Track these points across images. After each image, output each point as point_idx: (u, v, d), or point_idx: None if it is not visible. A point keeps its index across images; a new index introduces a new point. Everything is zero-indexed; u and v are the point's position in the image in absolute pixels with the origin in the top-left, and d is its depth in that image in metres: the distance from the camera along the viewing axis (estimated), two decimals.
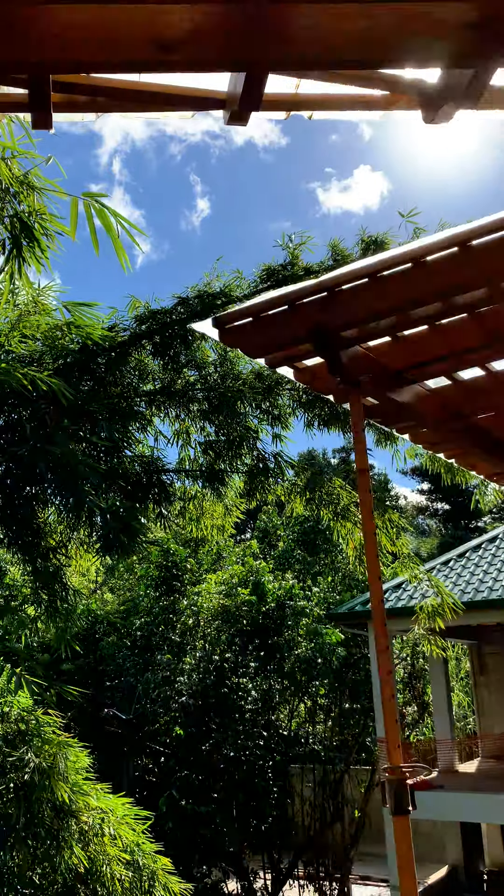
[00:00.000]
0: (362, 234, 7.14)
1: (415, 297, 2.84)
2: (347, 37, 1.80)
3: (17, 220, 3.37)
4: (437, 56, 1.93)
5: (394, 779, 2.57)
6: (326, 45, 1.81)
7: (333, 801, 15.82)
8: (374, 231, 7.28)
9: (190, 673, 14.36)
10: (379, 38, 1.79)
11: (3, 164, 3.31)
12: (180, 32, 1.77)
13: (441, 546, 33.24)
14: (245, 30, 1.79)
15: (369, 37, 1.80)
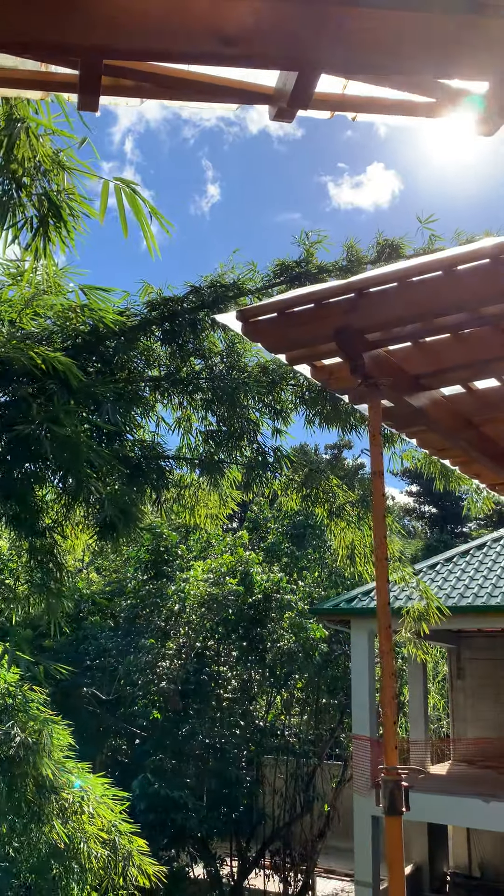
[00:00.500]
0: (378, 237, 7.14)
1: (442, 306, 2.85)
2: (411, 43, 1.80)
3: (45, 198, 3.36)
4: (490, 70, 1.93)
5: (390, 779, 2.60)
6: (387, 50, 1.82)
7: (304, 794, 15.95)
8: (386, 232, 7.27)
9: (172, 658, 14.42)
10: (442, 46, 1.79)
11: (37, 142, 3.30)
12: (242, 27, 1.77)
13: (426, 549, 33.38)
14: (307, 29, 1.80)
15: (429, 45, 1.80)
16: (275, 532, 18.08)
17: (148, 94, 2.48)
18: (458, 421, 3.84)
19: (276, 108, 2.42)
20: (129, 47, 1.76)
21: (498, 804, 12.10)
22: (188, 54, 1.82)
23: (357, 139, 63.99)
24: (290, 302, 3.04)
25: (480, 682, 17.06)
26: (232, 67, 2.09)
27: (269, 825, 15.81)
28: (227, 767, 14.24)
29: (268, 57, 1.89)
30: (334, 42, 1.89)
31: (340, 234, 49.52)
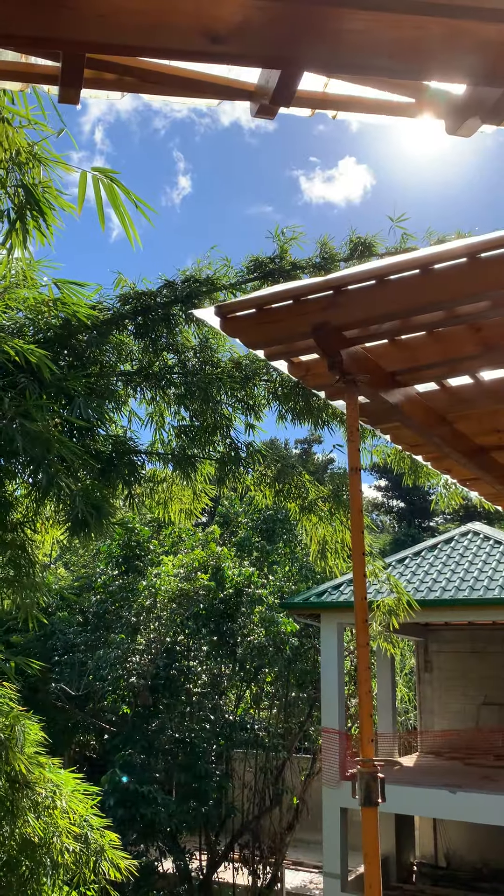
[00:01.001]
0: (351, 235, 7.19)
1: (419, 304, 2.89)
2: (396, 45, 1.82)
3: (23, 190, 3.32)
4: (476, 73, 1.96)
5: (365, 771, 2.64)
6: (374, 51, 1.83)
7: (273, 787, 16.04)
8: (358, 227, 7.33)
9: (142, 653, 14.39)
10: (426, 49, 1.82)
11: (15, 133, 3.26)
12: (231, 25, 1.78)
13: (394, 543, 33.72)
14: (295, 28, 1.81)
15: (416, 47, 1.82)
16: (245, 527, 18.12)
17: (129, 87, 2.47)
18: (432, 417, 3.89)
19: (257, 105, 2.43)
20: (117, 43, 1.76)
21: (464, 794, 12.31)
22: (176, 51, 1.82)
23: (329, 133, 64.16)
24: (269, 298, 3.06)
25: (447, 675, 17.30)
26: (218, 65, 2.09)
27: (239, 819, 15.88)
28: (196, 762, 14.27)
29: (254, 55, 1.90)
30: (318, 42, 1.90)
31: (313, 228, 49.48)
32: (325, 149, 66.54)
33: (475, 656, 16.98)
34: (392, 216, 6.88)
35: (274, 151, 69.60)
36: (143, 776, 13.42)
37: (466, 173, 67.20)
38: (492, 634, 16.69)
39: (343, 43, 1.83)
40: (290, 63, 1.98)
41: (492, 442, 4.40)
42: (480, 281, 2.77)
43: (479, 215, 65.47)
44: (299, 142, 67.38)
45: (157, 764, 14.31)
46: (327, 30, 1.81)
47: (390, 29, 1.81)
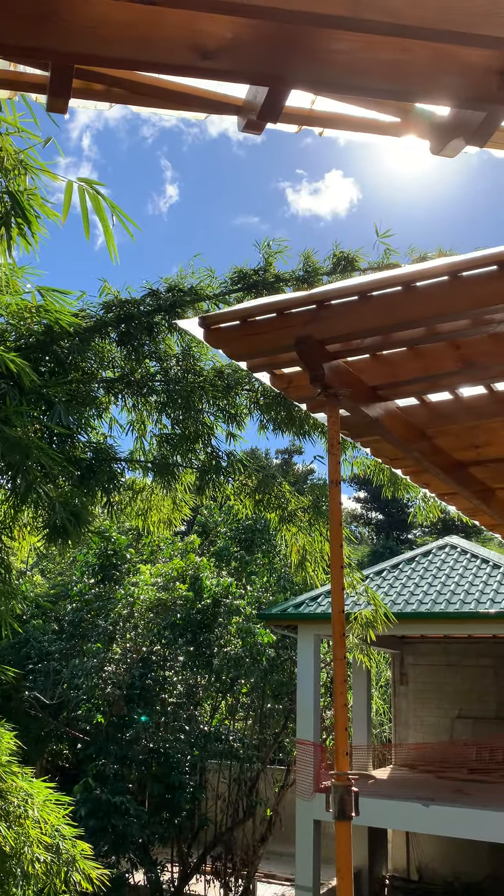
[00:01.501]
0: (335, 250, 7.25)
1: (400, 321, 2.92)
2: (381, 66, 1.85)
3: (8, 196, 3.31)
4: (460, 95, 2.00)
5: (340, 785, 2.64)
6: (360, 72, 1.86)
7: (247, 799, 15.97)
8: (343, 241, 7.41)
9: (118, 662, 14.29)
10: (411, 71, 1.85)
11: (2, 139, 3.26)
12: (221, 41, 1.80)
13: (372, 555, 33.82)
14: (283, 47, 1.83)
15: (402, 69, 1.85)
16: (224, 537, 18.09)
17: (118, 98, 2.49)
18: (412, 432, 3.92)
19: (245, 120, 2.45)
20: (107, 55, 1.77)
21: (437, 808, 12.32)
22: (165, 65, 1.83)
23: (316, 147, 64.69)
24: (253, 310, 3.07)
25: (423, 688, 17.35)
26: (207, 80, 2.11)
27: (212, 830, 15.78)
28: (170, 772, 14.17)
29: (242, 72, 1.92)
30: (305, 61, 1.93)
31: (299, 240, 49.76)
32: (312, 162, 67.08)
33: (450, 669, 17.05)
34: (377, 231, 6.95)
35: (261, 163, 70.04)
36: (115, 786, 13.31)
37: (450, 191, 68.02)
38: (467, 648, 16.78)
39: (330, 63, 1.86)
40: (277, 81, 2.00)
41: (470, 457, 4.44)
42: (461, 299, 2.81)
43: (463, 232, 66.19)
44: (286, 154, 67.88)
45: (131, 774, 14.20)
46: (315, 49, 1.84)
47: (377, 50, 1.84)
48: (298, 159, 67.70)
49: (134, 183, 67.61)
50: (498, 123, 2.22)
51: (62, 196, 4.12)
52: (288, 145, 69.14)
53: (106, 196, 3.22)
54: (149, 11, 1.77)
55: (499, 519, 5.30)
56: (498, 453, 4.35)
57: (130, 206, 66.60)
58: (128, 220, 3.21)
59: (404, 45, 1.82)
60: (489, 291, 2.72)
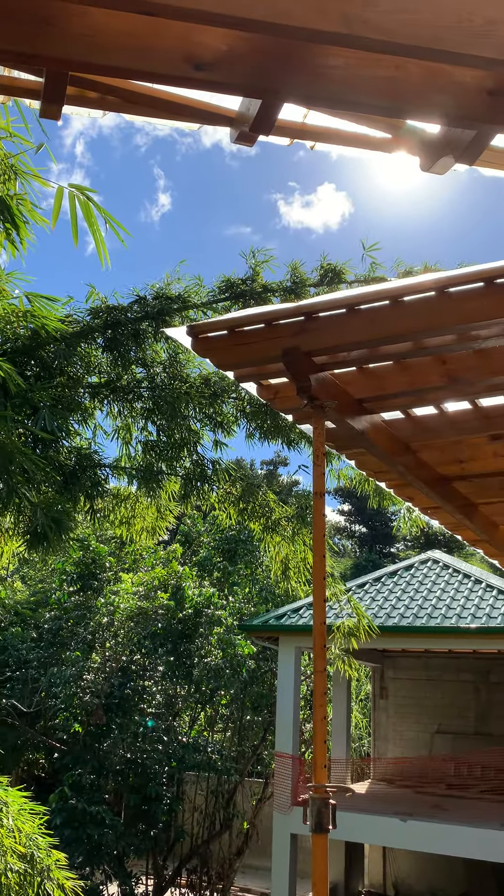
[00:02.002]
0: (322, 261, 7.29)
1: (387, 334, 2.94)
2: (374, 83, 1.87)
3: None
4: (451, 113, 2.02)
5: (318, 797, 2.64)
6: (353, 88, 1.88)
7: (224, 811, 15.87)
8: (334, 254, 7.44)
9: (97, 671, 14.18)
10: (404, 89, 1.87)
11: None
12: (215, 53, 1.81)
13: (355, 568, 33.86)
14: (277, 61, 1.85)
15: (394, 86, 1.88)
16: (207, 546, 18.05)
17: (111, 106, 2.49)
18: (397, 445, 3.94)
19: (237, 132, 2.47)
20: (102, 63, 1.78)
21: (415, 823, 12.29)
22: (160, 75, 1.84)
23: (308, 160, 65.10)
24: (241, 320, 3.09)
25: (403, 702, 17.34)
26: (201, 91, 2.13)
27: (188, 843, 15.66)
28: (147, 783, 14.06)
29: (236, 84, 1.93)
30: (299, 75, 1.95)
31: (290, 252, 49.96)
32: (305, 175, 67.54)
33: (430, 684, 17.06)
34: (364, 245, 7.00)
35: (254, 175, 70.34)
36: (92, 796, 13.18)
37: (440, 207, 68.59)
38: (447, 663, 16.80)
39: (324, 78, 1.88)
40: (271, 94, 2.02)
41: (454, 472, 4.47)
42: (448, 314, 2.83)
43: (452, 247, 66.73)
44: (279, 167, 68.19)
45: (108, 785, 14.07)
46: (309, 64, 1.86)
47: (370, 67, 1.86)
48: (291, 172, 68.13)
49: (126, 191, 67.66)
50: (487, 142, 2.25)
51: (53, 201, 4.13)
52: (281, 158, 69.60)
53: (97, 202, 3.23)
54: (145, 22, 1.78)
55: (481, 534, 5.33)
56: (481, 468, 4.38)
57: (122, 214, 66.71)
58: (119, 226, 3.21)
59: (398, 62, 1.84)
60: (476, 307, 2.75)
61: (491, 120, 2.03)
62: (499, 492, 4.72)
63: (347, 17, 1.72)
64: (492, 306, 2.76)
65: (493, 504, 5.01)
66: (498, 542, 5.59)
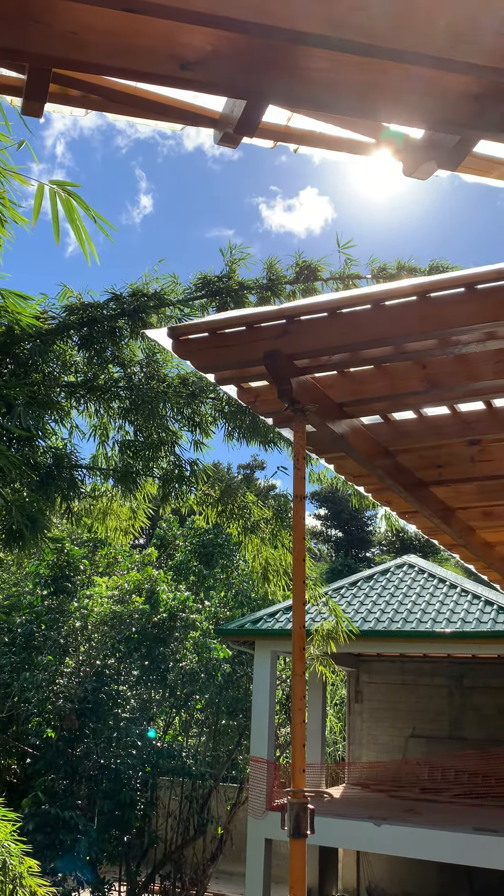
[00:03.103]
0: (298, 259, 7.30)
1: (369, 338, 2.94)
2: (359, 86, 1.87)
3: None
4: (435, 118, 2.03)
5: (296, 802, 2.62)
6: (337, 90, 1.88)
7: (199, 817, 15.78)
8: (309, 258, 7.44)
9: (70, 676, 14.05)
10: (388, 92, 1.87)
11: None
12: (201, 53, 1.80)
13: (331, 572, 33.91)
14: (263, 62, 1.84)
15: (379, 90, 1.88)
16: (183, 550, 17.97)
17: (94, 105, 2.48)
18: (376, 449, 3.95)
19: (221, 133, 2.46)
20: (86, 61, 1.76)
21: (389, 827, 12.32)
22: (144, 73, 1.83)
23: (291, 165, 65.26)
24: (222, 323, 3.08)
25: (377, 706, 17.39)
26: (185, 90, 2.12)
27: (162, 848, 15.55)
28: (121, 789, 13.94)
29: (221, 84, 1.93)
30: (284, 77, 1.94)
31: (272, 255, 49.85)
32: (287, 179, 67.64)
33: (405, 688, 17.13)
34: (348, 249, 7.03)
35: (236, 179, 70.38)
36: (65, 802, 13.05)
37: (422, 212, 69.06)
38: (421, 667, 16.89)
39: (308, 80, 1.88)
40: (256, 94, 2.01)
41: (432, 477, 4.49)
42: (428, 319, 2.85)
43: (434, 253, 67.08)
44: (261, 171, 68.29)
45: (81, 790, 13.94)
46: (294, 66, 1.85)
47: (354, 70, 1.86)
48: (273, 177, 68.18)
49: (108, 192, 67.31)
50: (470, 148, 2.26)
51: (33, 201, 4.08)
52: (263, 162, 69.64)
53: (79, 197, 3.19)
54: (130, 20, 1.77)
55: (458, 538, 5.36)
56: (459, 474, 4.40)
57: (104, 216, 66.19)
58: (103, 220, 3.17)
59: (383, 66, 1.84)
60: (456, 313, 2.76)
61: (475, 126, 2.04)
62: (476, 497, 4.76)
63: (332, 19, 1.72)
64: (472, 312, 2.77)
65: (470, 509, 5.04)
66: (474, 547, 5.63)
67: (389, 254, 10.30)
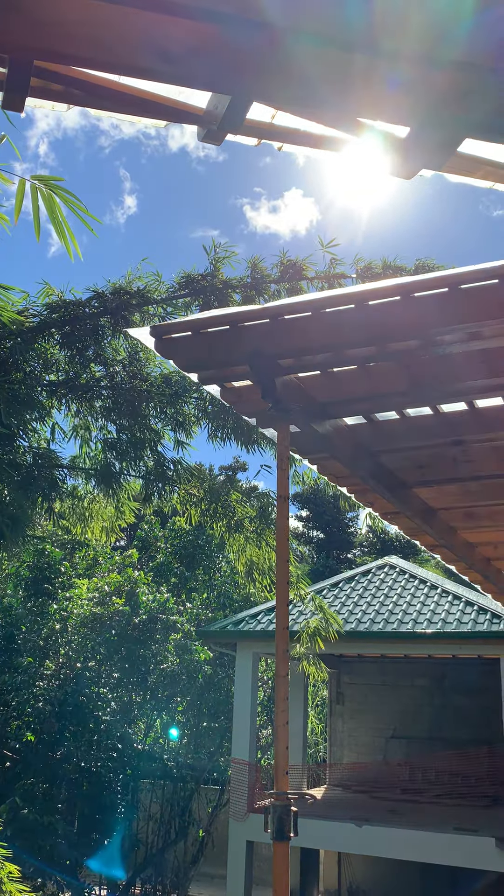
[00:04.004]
0: (282, 258, 7.29)
1: (352, 338, 2.93)
2: (342, 83, 1.86)
3: None
4: (419, 117, 2.02)
5: (279, 804, 2.60)
6: (321, 87, 1.87)
7: (180, 819, 15.72)
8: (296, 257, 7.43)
9: (50, 679, 13.94)
10: (374, 90, 1.86)
11: None
12: (184, 46, 1.78)
13: (312, 573, 33.93)
14: (247, 58, 1.82)
15: (356, 86, 1.87)
16: (164, 552, 17.90)
17: (76, 100, 2.44)
18: (359, 450, 3.94)
19: (205, 130, 2.44)
20: (69, 53, 1.73)
21: (370, 828, 12.34)
22: (127, 66, 1.81)
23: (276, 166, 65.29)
24: (206, 322, 3.05)
25: (358, 708, 17.42)
26: (168, 84, 2.09)
27: (142, 852, 15.47)
28: (101, 792, 13.85)
29: (207, 79, 1.90)
30: (265, 72, 1.93)
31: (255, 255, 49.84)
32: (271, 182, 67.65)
33: (386, 689, 17.18)
34: (332, 248, 7.02)
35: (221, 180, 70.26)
36: (44, 806, 12.94)
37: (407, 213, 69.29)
38: (402, 668, 16.94)
39: (290, 75, 1.86)
40: (238, 90, 2.00)
41: (414, 477, 4.49)
42: (412, 320, 2.84)
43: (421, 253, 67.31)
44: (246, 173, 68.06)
45: (61, 794, 13.83)
46: (276, 61, 1.84)
47: (337, 66, 1.84)
48: (258, 179, 68.11)
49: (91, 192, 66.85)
50: (456, 146, 2.25)
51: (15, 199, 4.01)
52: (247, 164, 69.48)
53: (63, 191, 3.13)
54: (114, 12, 1.74)
55: (440, 539, 5.37)
56: (441, 474, 4.41)
57: None
58: (86, 213, 3.12)
59: (367, 62, 1.83)
60: (440, 312, 2.76)
61: (460, 124, 2.04)
62: (458, 497, 4.77)
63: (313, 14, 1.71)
64: (455, 312, 2.77)
65: (452, 510, 5.05)
66: (456, 548, 5.64)
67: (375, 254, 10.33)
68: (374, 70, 1.94)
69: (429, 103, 1.93)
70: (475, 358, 3.10)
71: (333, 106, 2.04)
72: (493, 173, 2.65)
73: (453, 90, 1.91)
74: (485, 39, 1.78)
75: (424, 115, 1.96)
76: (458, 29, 1.78)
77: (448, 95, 1.91)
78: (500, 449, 4.11)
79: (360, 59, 1.90)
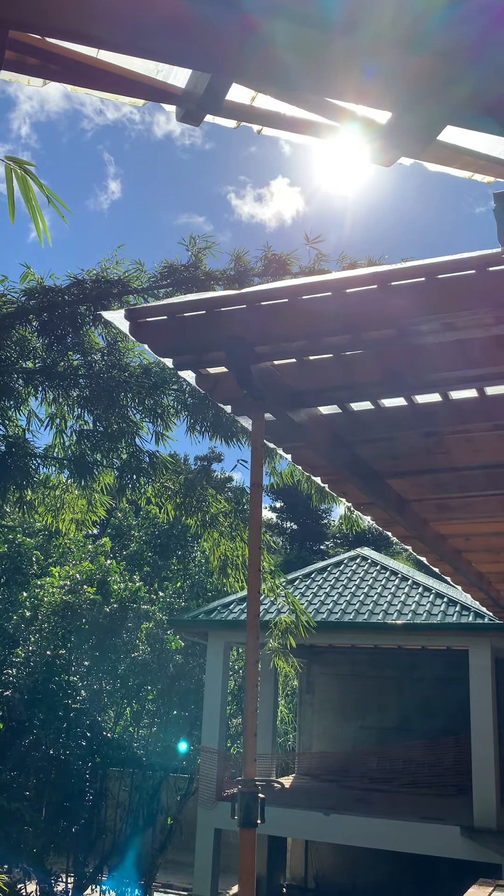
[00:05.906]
0: (266, 251, 7.26)
1: (328, 326, 2.92)
2: (326, 66, 1.84)
3: None
4: (400, 103, 2.01)
5: (247, 791, 2.60)
6: (302, 69, 1.85)
7: (148, 807, 15.73)
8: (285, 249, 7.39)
9: (20, 666, 13.85)
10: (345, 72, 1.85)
11: None
12: (163, 21, 1.75)
13: (285, 564, 34.05)
14: (230, 37, 1.79)
15: (337, 68, 1.85)
16: (138, 540, 17.83)
17: (52, 75, 2.39)
18: (334, 440, 3.94)
19: (183, 110, 2.41)
20: (45, 24, 1.69)
21: (337, 817, 12.45)
22: (104, 39, 1.77)
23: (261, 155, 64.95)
24: (182, 306, 3.02)
25: (328, 697, 17.54)
26: (147, 60, 2.06)
27: (110, 839, 15.46)
28: (70, 780, 13.81)
29: (187, 56, 1.87)
30: (260, 55, 1.90)
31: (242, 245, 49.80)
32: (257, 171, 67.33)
33: (356, 679, 17.31)
34: (318, 244, 7.00)
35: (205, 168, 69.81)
36: (12, 793, 12.87)
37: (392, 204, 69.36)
38: (372, 658, 17.07)
39: (270, 55, 1.84)
40: (218, 69, 1.97)
41: (388, 468, 4.50)
42: (388, 309, 2.83)
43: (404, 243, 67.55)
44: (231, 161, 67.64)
45: (29, 781, 13.77)
46: (255, 40, 1.81)
47: (317, 48, 1.82)
48: (243, 167, 67.70)
49: (75, 176, 65.99)
50: (436, 133, 2.24)
51: None
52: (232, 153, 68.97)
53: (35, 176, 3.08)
54: None
55: (411, 531, 5.40)
56: (414, 466, 4.42)
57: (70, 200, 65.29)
58: (58, 201, 3.08)
59: (347, 44, 1.81)
60: (417, 302, 2.76)
61: (440, 111, 2.03)
62: (430, 489, 4.79)
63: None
64: (432, 302, 2.77)
65: (424, 501, 5.08)
66: (427, 539, 5.68)
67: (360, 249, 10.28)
68: (352, 54, 1.92)
69: (408, 90, 1.91)
70: (451, 349, 3.10)
71: (312, 89, 2.02)
72: (473, 163, 2.65)
73: (433, 77, 1.90)
74: (465, 26, 1.77)
75: (404, 101, 1.94)
76: (438, 15, 1.77)
77: (428, 82, 1.90)
78: (473, 440, 4.13)
79: (338, 42, 1.88)
